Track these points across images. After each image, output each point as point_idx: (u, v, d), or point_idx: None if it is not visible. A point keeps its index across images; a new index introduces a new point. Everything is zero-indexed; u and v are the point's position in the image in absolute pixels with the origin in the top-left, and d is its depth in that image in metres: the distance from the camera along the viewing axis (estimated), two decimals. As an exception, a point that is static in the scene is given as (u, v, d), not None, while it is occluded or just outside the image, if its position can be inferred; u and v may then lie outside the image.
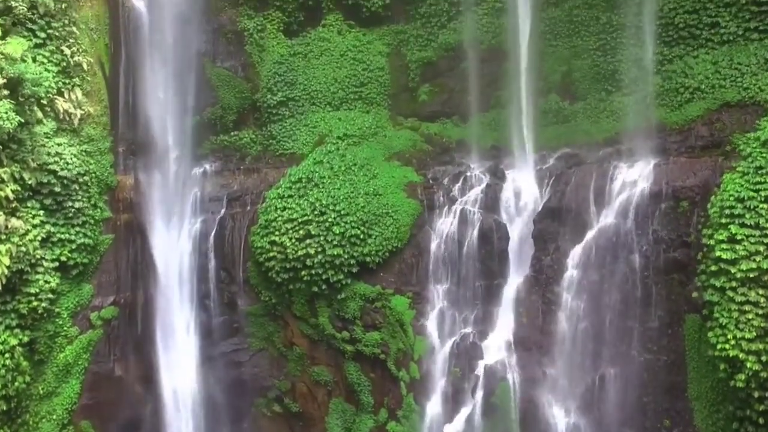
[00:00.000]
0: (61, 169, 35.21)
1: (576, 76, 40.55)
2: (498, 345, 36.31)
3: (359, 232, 37.06)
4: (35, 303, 33.95)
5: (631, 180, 35.14)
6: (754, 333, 28.97)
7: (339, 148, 40.09)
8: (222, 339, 40.12)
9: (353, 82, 43.00)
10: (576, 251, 35.28)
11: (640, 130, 36.84)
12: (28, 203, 34.30)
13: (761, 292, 29.25)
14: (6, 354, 32.59)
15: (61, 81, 36.23)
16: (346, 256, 37.03)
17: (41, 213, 34.66)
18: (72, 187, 35.75)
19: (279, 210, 38.01)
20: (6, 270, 31.99)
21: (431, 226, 38.24)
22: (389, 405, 37.59)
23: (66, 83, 36.44)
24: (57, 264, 35.30)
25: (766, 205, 30.06)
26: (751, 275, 29.39)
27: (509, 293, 36.55)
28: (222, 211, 40.23)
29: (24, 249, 33.06)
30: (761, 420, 29.52)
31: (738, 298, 29.50)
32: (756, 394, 29.20)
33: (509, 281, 36.77)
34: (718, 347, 29.81)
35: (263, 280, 38.88)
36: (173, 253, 39.62)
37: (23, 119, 33.16)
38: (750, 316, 29.17)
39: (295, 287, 37.86)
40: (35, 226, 34.19)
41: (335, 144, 40.31)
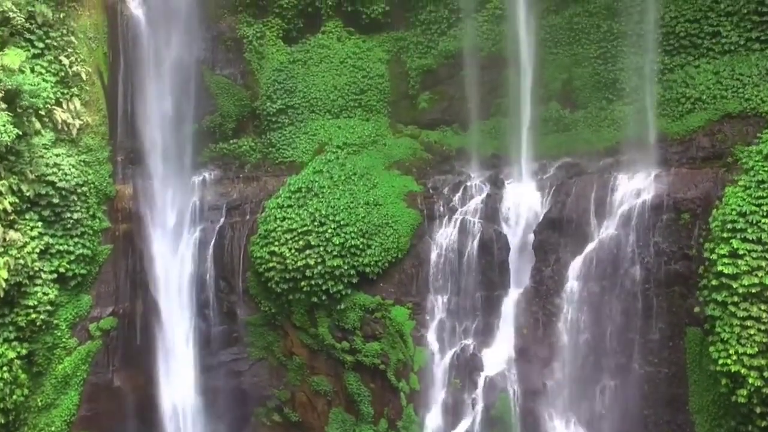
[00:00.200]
0: (60, 180, 35.02)
1: (576, 84, 40.36)
2: (498, 356, 36.21)
3: (359, 242, 36.91)
4: (33, 315, 33.78)
5: (632, 191, 34.98)
6: (756, 348, 28.89)
7: (339, 157, 39.91)
8: (221, 348, 40.01)
9: (353, 89, 42.79)
10: (577, 262, 35.14)
11: (640, 139, 36.64)
12: (26, 215, 34.11)
13: (763, 307, 29.17)
14: (4, 367, 32.42)
15: (60, 91, 36.07)
16: (345, 266, 36.88)
17: (39, 225, 34.45)
18: (70, 198, 35.56)
19: (278, 220, 37.84)
20: (4, 283, 31.75)
21: (431, 236, 38.09)
22: (389, 416, 37.47)
23: (64, 93, 36.27)
24: (55, 275, 35.12)
25: (767, 220, 29.98)
26: (753, 290, 29.29)
27: (509, 304, 36.41)
28: (221, 220, 40.06)
29: (22, 261, 32.88)
30: (763, 436, 29.47)
31: (740, 313, 29.42)
32: (758, 409, 29.14)
33: (509, 292, 36.63)
34: (719, 362, 29.75)
35: (263, 290, 38.73)
36: (172, 263, 39.45)
37: (21, 131, 32.98)
38: (752, 331, 29.09)
39: (295, 297, 37.71)
40: (33, 238, 34.00)
41: (335, 153, 40.12)
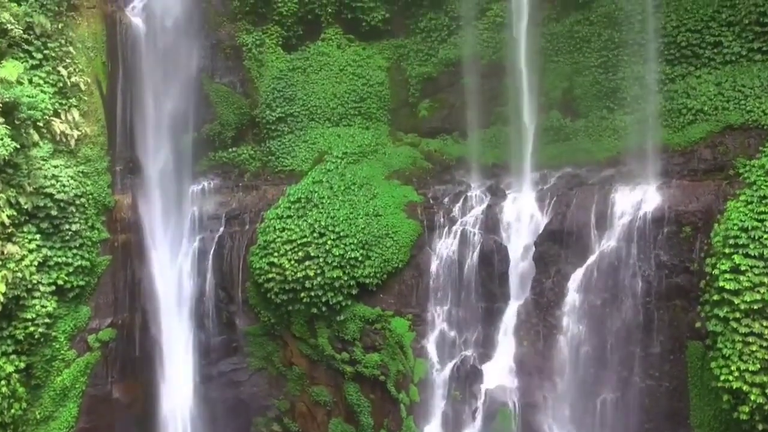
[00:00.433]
0: (58, 192, 34.87)
1: (577, 92, 40.11)
2: (499, 369, 36.05)
3: (359, 254, 36.75)
4: (32, 328, 33.70)
5: (633, 203, 34.75)
6: (758, 365, 28.70)
7: (338, 166, 39.71)
8: (221, 358, 39.92)
9: (353, 97, 42.60)
10: (577, 275, 34.94)
11: (641, 150, 36.39)
12: (24, 228, 33.98)
13: (765, 323, 28.97)
14: (2, 382, 32.31)
15: (58, 102, 35.90)
16: (345, 278, 36.72)
17: (37, 237, 34.31)
18: (69, 210, 35.40)
19: (278, 231, 37.68)
20: (2, 297, 31.62)
21: (431, 247, 37.94)
22: (389, 427, 37.33)
23: (62, 104, 36.10)
24: (54, 288, 34.94)
25: (770, 236, 29.82)
26: (756, 307, 29.09)
27: (510, 316, 36.23)
28: (220, 230, 39.95)
29: (20, 275, 32.76)
30: (765, 453, 29.33)
31: (742, 329, 29.22)
32: (760, 426, 28.98)
33: (510, 304, 36.45)
34: (721, 378, 29.57)
35: (262, 300, 38.58)
36: (171, 273, 39.42)
37: (19, 143, 32.84)
38: (754, 348, 28.90)
39: (295, 308, 37.58)
40: (31, 250, 33.86)
41: (334, 162, 39.92)
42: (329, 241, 36.72)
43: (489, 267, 36.52)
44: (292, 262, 36.91)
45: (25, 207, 33.60)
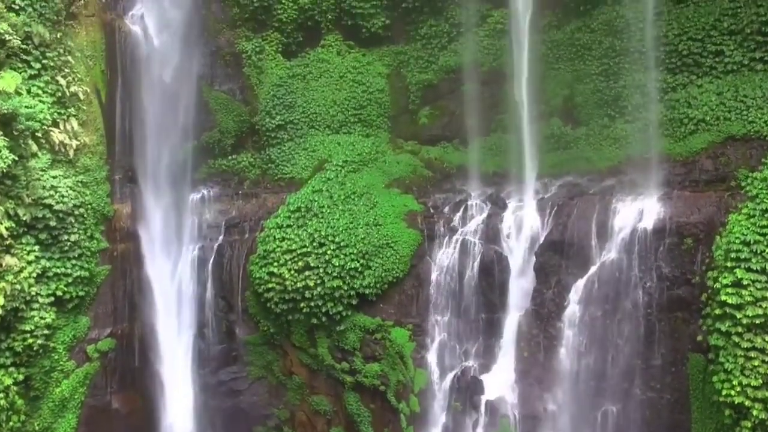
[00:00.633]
0: (57, 203, 34.67)
1: (578, 100, 39.91)
2: (499, 380, 35.92)
3: (359, 264, 36.61)
4: (30, 340, 33.54)
5: (634, 214, 34.53)
6: (760, 380, 28.61)
7: (338, 175, 39.56)
8: (220, 367, 39.88)
9: (353, 104, 42.46)
10: (578, 286, 34.71)
11: (643, 159, 36.23)
12: (22, 239, 33.77)
13: None
14: (0, 394, 32.16)
15: (56, 112, 35.65)
16: (345, 287, 36.59)
17: (36, 248, 34.11)
18: (68, 221, 35.21)
19: (278, 240, 37.54)
20: (0, 309, 31.47)
21: (431, 256, 37.78)
22: (389, 437, 37.34)
23: (61, 114, 35.85)
24: (53, 299, 34.75)
25: (773, 250, 29.67)
26: (758, 321, 28.97)
27: (510, 327, 36.06)
28: (220, 239, 39.83)
29: (19, 287, 32.58)
30: (768, 467, 29.22)
31: (744, 344, 29.11)
32: (762, 441, 28.91)
33: (510, 314, 36.27)
34: (723, 393, 29.46)
35: (262, 309, 38.47)
36: (171, 282, 39.36)
37: (17, 154, 32.64)
38: (756, 362, 28.79)
39: (294, 318, 37.47)
40: (30, 262, 33.67)
41: (334, 171, 39.77)
42: (329, 251, 36.57)
43: (489, 277, 36.39)
44: (292, 271, 36.77)
45: (24, 218, 33.36)
